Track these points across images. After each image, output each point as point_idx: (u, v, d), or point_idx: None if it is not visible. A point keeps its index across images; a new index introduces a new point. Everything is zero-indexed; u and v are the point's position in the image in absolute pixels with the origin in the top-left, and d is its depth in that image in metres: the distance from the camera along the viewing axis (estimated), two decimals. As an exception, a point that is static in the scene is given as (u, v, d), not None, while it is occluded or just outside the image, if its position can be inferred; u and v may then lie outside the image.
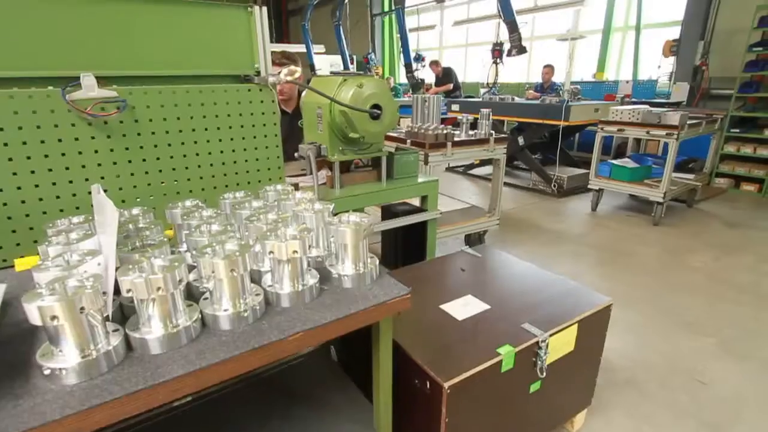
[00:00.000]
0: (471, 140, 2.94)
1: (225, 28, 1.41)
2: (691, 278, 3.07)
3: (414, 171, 2.10)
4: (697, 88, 6.13)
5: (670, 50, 6.23)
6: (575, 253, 3.51)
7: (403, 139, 2.94)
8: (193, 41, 1.36)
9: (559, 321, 1.43)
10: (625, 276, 3.11)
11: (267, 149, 1.53)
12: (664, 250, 3.54)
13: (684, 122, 3.83)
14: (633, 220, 4.29)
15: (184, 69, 1.37)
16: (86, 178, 1.25)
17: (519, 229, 4.06)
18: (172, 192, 1.39)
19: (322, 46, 10.80)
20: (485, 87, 8.75)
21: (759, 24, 4.98)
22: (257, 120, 1.48)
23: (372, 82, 1.73)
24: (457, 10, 10.20)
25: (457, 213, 3.29)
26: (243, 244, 0.92)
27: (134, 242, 0.98)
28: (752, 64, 5.06)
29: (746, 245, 3.63)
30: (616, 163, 4.36)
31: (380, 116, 1.73)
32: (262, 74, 1.47)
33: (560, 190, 5.14)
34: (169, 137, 1.34)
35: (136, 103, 1.27)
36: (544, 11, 7.78)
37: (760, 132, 5.07)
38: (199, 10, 1.36)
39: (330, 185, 1.91)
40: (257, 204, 1.25)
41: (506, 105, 5.53)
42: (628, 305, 2.72)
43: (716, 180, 5.42)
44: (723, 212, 4.52)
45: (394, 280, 1.08)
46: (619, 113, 4.21)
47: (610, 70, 7.57)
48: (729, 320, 2.54)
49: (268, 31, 1.47)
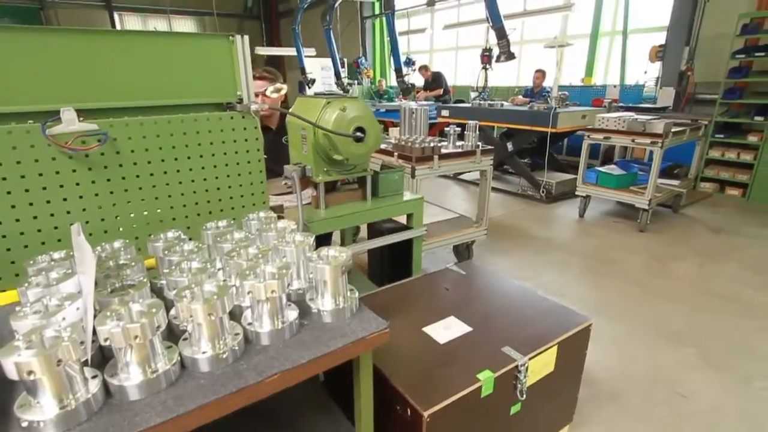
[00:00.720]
0: (458, 153, 2.97)
1: (207, 57, 1.41)
2: (675, 286, 3.13)
3: (399, 189, 2.12)
4: (682, 93, 6.21)
5: (656, 55, 6.31)
6: (562, 262, 3.55)
7: (390, 152, 2.96)
8: (174, 71, 1.37)
9: (540, 343, 1.46)
10: (611, 285, 3.16)
11: (251, 174, 1.54)
12: (650, 258, 3.60)
13: (668, 130, 3.89)
14: (619, 227, 4.35)
15: (166, 99, 1.38)
16: (68, 211, 1.25)
17: (507, 236, 4.10)
18: (156, 221, 1.39)
19: (313, 50, 10.79)
20: (475, 90, 8.82)
21: (741, 31, 5.06)
22: (240, 147, 1.49)
23: (355, 105, 1.75)
24: (448, 13, 10.24)
25: (445, 224, 3.32)
26: (222, 285, 0.93)
27: (114, 283, 0.99)
28: (735, 71, 5.14)
29: (729, 252, 3.70)
30: (602, 170, 4.42)
31: (364, 139, 1.74)
32: (244, 101, 1.48)
33: (548, 196, 5.19)
34: (151, 167, 1.35)
35: (117, 134, 1.28)
36: (533, 16, 7.83)
37: (744, 137, 5.15)
38: (180, 41, 1.37)
39: (315, 205, 1.92)
40: (239, 236, 1.26)
41: (495, 111, 5.57)
42: (613, 315, 2.76)
43: (702, 184, 5.51)
44: (708, 217, 4.59)
45: (373, 314, 1.10)
46: (605, 121, 4.26)
47: (599, 74, 7.65)
48: (710, 330, 2.59)
49: (249, 56, 1.48)
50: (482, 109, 5.72)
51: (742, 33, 5.07)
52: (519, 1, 8.46)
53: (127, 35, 1.30)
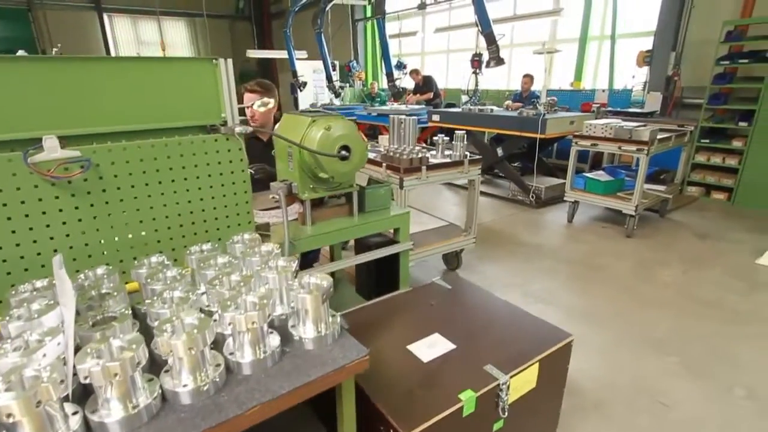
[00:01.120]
0: (446, 163, 2.99)
1: (190, 81, 1.42)
2: (660, 293, 3.18)
3: (386, 203, 2.14)
4: (669, 98, 6.30)
5: (643, 60, 6.38)
6: (551, 269, 3.59)
7: (379, 162, 2.98)
8: (158, 95, 1.38)
9: (521, 360, 1.48)
10: (598, 292, 3.21)
11: (236, 195, 1.55)
12: (636, 264, 3.65)
13: (654, 138, 3.95)
14: (607, 232, 4.40)
15: (150, 123, 1.38)
16: (51, 237, 1.26)
17: (497, 243, 4.13)
18: (140, 244, 1.40)
19: (305, 52, 10.78)
20: (466, 93, 8.86)
21: (725, 38, 5.14)
22: (224, 168, 1.50)
23: (340, 123, 1.76)
24: (439, 16, 10.27)
25: (434, 232, 3.34)
26: (202, 318, 0.95)
27: (96, 315, 1.00)
28: (720, 77, 5.22)
29: (714, 258, 3.76)
30: (590, 176, 4.47)
31: (349, 157, 1.76)
32: (228, 124, 1.49)
33: (538, 201, 5.24)
34: (134, 191, 1.36)
35: (100, 160, 1.28)
36: (523, 20, 7.89)
37: (729, 142, 5.24)
38: (163, 66, 1.38)
39: (302, 222, 1.93)
40: (222, 260, 1.27)
41: (485, 116, 5.61)
42: (600, 323, 2.80)
43: (688, 188, 5.59)
44: (693, 222, 4.66)
45: (354, 341, 1.11)
46: (592, 128, 4.31)
47: (588, 78, 7.72)
48: (693, 337, 2.64)
49: (233, 78, 1.49)
50: (472, 114, 5.76)
51: (726, 40, 5.15)
52: (509, 5, 8.52)
53: (109, 61, 1.30)
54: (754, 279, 3.37)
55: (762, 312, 2.92)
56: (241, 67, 17.43)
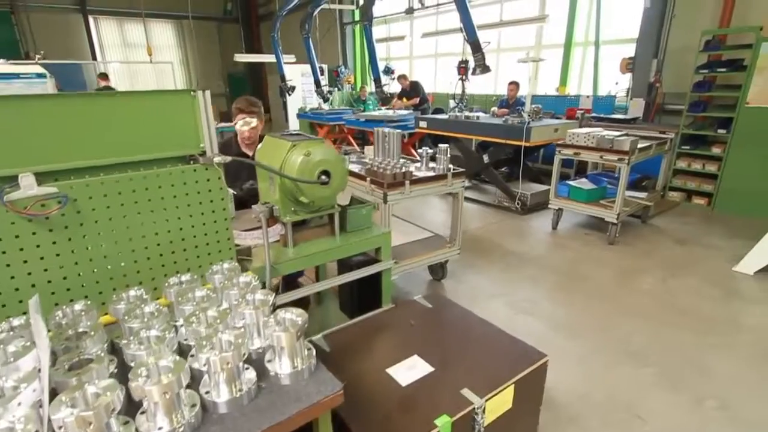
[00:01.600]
0: (429, 177, 3.03)
1: (169, 113, 1.44)
2: (640, 302, 3.25)
3: (368, 223, 2.17)
4: (652, 104, 6.42)
5: (626, 67, 6.50)
6: (534, 277, 3.65)
7: (363, 176, 3.01)
8: (136, 128, 1.39)
9: (497, 383, 1.52)
10: (580, 302, 3.27)
11: (215, 224, 1.56)
12: (617, 272, 3.72)
13: (634, 147, 4.03)
14: (590, 239, 4.48)
15: (129, 155, 1.40)
16: (29, 272, 1.26)
17: (482, 251, 4.19)
18: (119, 275, 1.41)
19: (293, 56, 10.77)
20: (453, 98, 8.92)
21: (704, 47, 5.26)
22: (204, 198, 1.52)
23: (320, 148, 1.79)
24: (427, 20, 10.32)
25: (419, 244, 3.38)
26: (177, 361, 0.97)
27: (72, 358, 1.01)
28: (699, 85, 5.34)
29: (692, 264, 3.86)
30: (573, 184, 4.55)
31: (329, 182, 1.79)
32: (207, 154, 1.51)
33: (524, 208, 5.31)
34: (113, 224, 1.37)
35: (77, 195, 1.29)
36: (509, 26, 7.97)
37: (708, 149, 5.35)
38: (141, 99, 1.39)
39: (284, 243, 1.96)
40: (200, 294, 1.30)
41: (471, 124, 5.67)
42: (580, 334, 2.86)
43: (670, 193, 5.70)
44: (674, 228, 4.76)
45: (329, 374, 1.14)
46: (575, 137, 4.39)
47: (572, 84, 7.82)
48: (671, 348, 2.71)
49: (210, 109, 1.51)
50: (459, 121, 5.82)
51: (705, 49, 5.26)
52: (495, 12, 8.59)
53: (85, 98, 1.32)
54: (730, 286, 3.46)
55: (735, 319, 3.01)
56: (230, 70, 17.39)
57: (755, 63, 4.75)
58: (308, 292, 2.00)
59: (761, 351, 2.67)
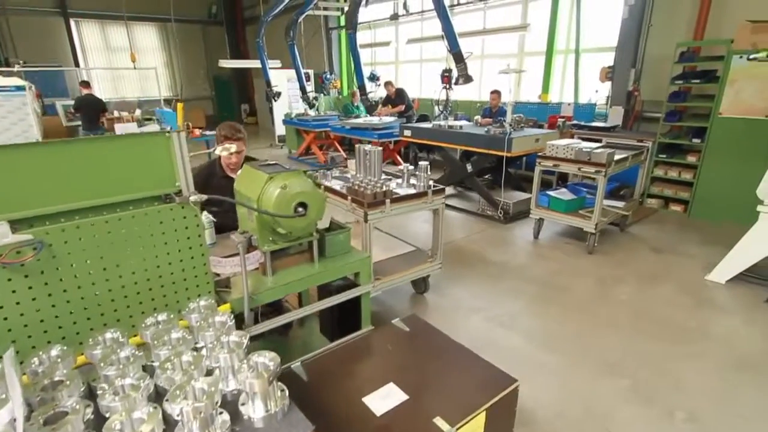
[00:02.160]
0: (410, 195, 3.08)
1: (144, 155, 1.46)
2: (616, 312, 3.34)
3: (346, 248, 2.21)
4: (631, 111, 6.56)
5: (606, 76, 6.63)
6: (514, 289, 3.72)
7: (345, 195, 3.05)
8: (112, 171, 1.42)
9: (469, 410, 1.58)
10: (558, 313, 3.35)
11: (192, 259, 1.59)
12: (595, 282, 3.82)
13: (611, 160, 4.14)
14: (570, 248, 4.58)
15: (106, 197, 1.42)
16: (5, 317, 1.28)
17: (464, 262, 4.25)
18: (96, 314, 1.43)
19: (278, 61, 10.76)
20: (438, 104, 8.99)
21: (679, 59, 5.40)
22: (181, 236, 1.54)
23: (297, 180, 1.83)
24: (412, 26, 10.38)
25: (401, 259, 3.43)
26: (151, 413, 1.00)
27: (48, 411, 1.04)
28: (675, 95, 5.48)
29: (667, 273, 3.97)
30: (553, 194, 4.64)
31: (306, 213, 1.82)
32: (184, 192, 1.53)
33: (506, 216, 5.40)
34: (89, 265, 1.39)
35: (53, 240, 1.31)
36: (492, 34, 8.07)
37: (684, 158, 5.50)
38: (116, 143, 1.42)
39: (263, 272, 1.99)
40: (176, 335, 1.33)
41: (455, 133, 5.74)
42: (557, 347, 2.94)
43: (648, 200, 5.84)
44: (651, 236, 4.89)
45: (301, 416, 1.18)
46: (554, 148, 4.48)
47: (555, 90, 7.95)
48: (644, 359, 2.80)
49: (186, 148, 1.54)
50: (442, 131, 5.89)
51: (680, 60, 5.40)
52: (479, 18, 8.68)
53: (62, 145, 1.33)
54: (702, 295, 3.58)
55: (704, 329, 3.12)
56: (215, 72, 17.24)
57: (727, 75, 4.90)
58: (289, 319, 2.03)
59: (729, 360, 2.78)
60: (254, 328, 1.88)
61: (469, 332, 3.14)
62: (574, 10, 7.23)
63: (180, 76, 16.96)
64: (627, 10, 6.21)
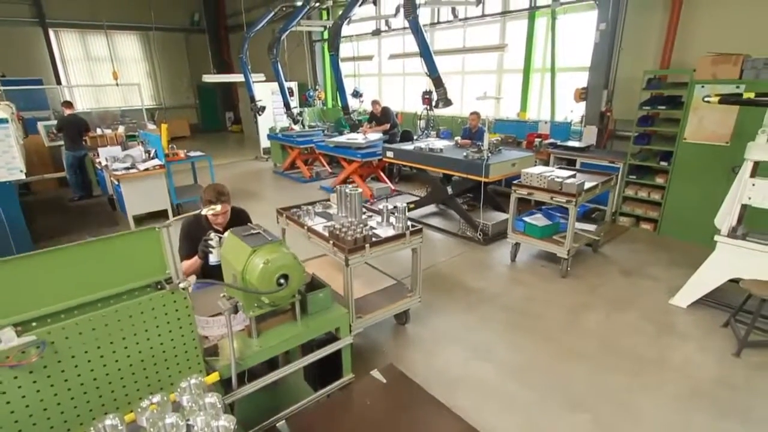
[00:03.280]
0: (389, 237, 3.25)
1: (136, 249, 1.61)
2: (584, 343, 3.56)
3: (328, 304, 2.37)
4: (604, 130, 6.84)
5: (580, 97, 6.88)
6: (491, 318, 3.92)
7: (327, 238, 3.20)
8: (107, 267, 1.56)
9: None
10: (530, 343, 3.55)
11: (183, 340, 1.74)
12: (567, 310, 4.04)
13: (581, 190, 4.36)
14: (545, 272, 4.80)
15: (102, 291, 1.55)
16: (11, 411, 1.41)
17: (444, 290, 4.44)
18: (95, 398, 1.57)
19: (262, 75, 10.80)
20: (420, 118, 9.20)
21: (647, 86, 5.67)
22: (172, 319, 1.69)
23: (278, 254, 1.97)
24: (394, 40, 10.52)
25: (382, 294, 3.60)
26: None
27: None
28: (644, 120, 5.75)
29: (634, 298, 4.21)
30: (528, 220, 4.85)
31: (287, 283, 1.98)
32: (174, 280, 1.67)
33: (485, 238, 5.60)
34: (88, 355, 1.53)
35: (55, 338, 1.45)
36: (472, 53, 8.28)
37: (653, 179, 5.77)
38: (110, 243, 1.55)
39: (248, 334, 2.14)
40: (170, 420, 1.47)
41: (435, 157, 5.93)
42: (527, 379, 3.14)
43: (620, 218, 6.11)
44: (622, 257, 5.14)
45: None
46: (529, 177, 4.70)
47: (533, 107, 8.19)
48: (606, 391, 3.01)
49: (175, 241, 1.67)
50: (423, 154, 6.07)
51: (647, 87, 5.67)
52: (459, 36, 8.87)
53: (61, 251, 1.47)
54: (663, 321, 3.82)
55: (663, 357, 3.35)
56: (199, 81, 17.13)
57: (690, 102, 5.17)
58: (274, 378, 2.18)
59: (684, 390, 3.01)
60: (242, 390, 2.03)
61: (447, 364, 3.32)
62: (549, 31, 7.46)
63: (162, 87, 16.86)
64: (598, 35, 6.47)
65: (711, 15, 5.60)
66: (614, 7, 6.29)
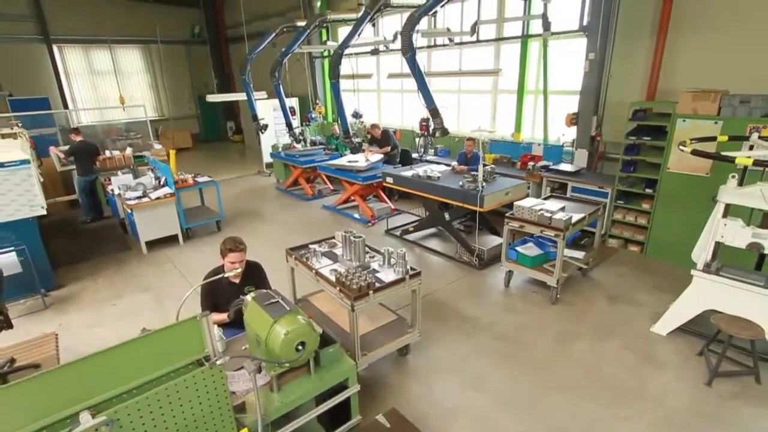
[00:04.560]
0: (390, 282, 3.57)
1: (180, 334, 1.92)
2: (570, 372, 3.88)
3: (338, 356, 2.69)
4: (594, 153, 7.16)
5: (571, 122, 7.20)
6: (484, 348, 4.24)
7: (334, 284, 3.53)
8: (157, 352, 1.87)
9: None
10: (521, 374, 3.87)
11: (220, 409, 2.06)
12: (555, 338, 4.36)
13: (568, 224, 4.69)
14: (536, 298, 5.13)
15: (153, 372, 1.87)
16: (86, 477, 1.73)
17: (441, 317, 4.76)
18: (149, 462, 1.89)
19: (264, 93, 11.09)
20: (420, 136, 9.51)
21: (632, 117, 5.98)
22: (210, 390, 2.01)
23: (297, 325, 2.29)
24: (393, 57, 10.81)
25: (384, 330, 3.92)
26: None
27: None
28: (630, 148, 6.06)
29: (618, 325, 4.54)
30: (520, 250, 5.17)
31: (304, 349, 2.30)
32: (211, 357, 2.00)
33: (481, 262, 5.93)
34: (145, 427, 1.85)
35: (120, 416, 1.77)
36: (467, 76, 8.58)
37: (639, 204, 6.09)
38: (159, 335, 1.87)
39: (270, 388, 2.46)
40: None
41: (432, 185, 6.25)
42: (515, 410, 3.46)
43: (609, 240, 6.44)
44: (610, 282, 5.46)
45: None
46: (520, 210, 5.02)
47: (527, 126, 8.48)
48: (587, 423, 3.32)
49: (213, 327, 2.00)
50: (421, 182, 6.39)
51: (633, 118, 5.98)
52: (455, 58, 9.17)
53: (121, 348, 1.79)
54: (644, 350, 4.15)
55: (642, 387, 3.67)
56: (201, 91, 17.39)
57: (672, 134, 5.48)
58: (295, 426, 2.50)
59: (659, 420, 3.33)
60: (266, 440, 2.36)
61: (445, 395, 3.65)
62: (541, 58, 7.75)
63: (165, 98, 17.14)
64: (588, 64, 6.78)
65: (695, 47, 5.90)
66: (603, 37, 6.59)
